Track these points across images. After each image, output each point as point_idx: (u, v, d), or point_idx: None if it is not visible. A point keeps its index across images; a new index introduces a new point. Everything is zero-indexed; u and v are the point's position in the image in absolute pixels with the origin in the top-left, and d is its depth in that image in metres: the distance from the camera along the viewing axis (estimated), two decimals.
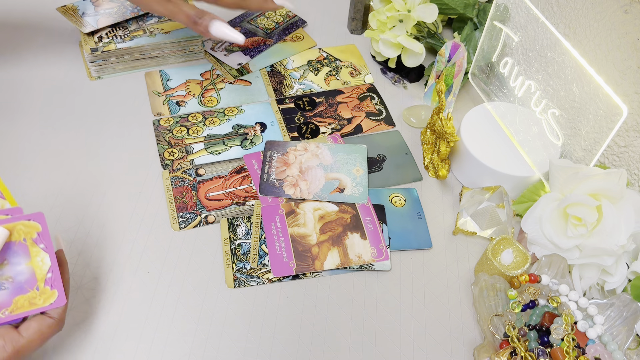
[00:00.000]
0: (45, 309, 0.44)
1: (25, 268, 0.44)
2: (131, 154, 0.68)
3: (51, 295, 0.44)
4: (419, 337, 0.55)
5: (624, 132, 0.62)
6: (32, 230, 0.44)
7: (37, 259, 0.44)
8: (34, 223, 0.44)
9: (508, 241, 0.57)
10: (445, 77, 0.71)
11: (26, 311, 0.43)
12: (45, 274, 0.44)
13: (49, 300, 0.44)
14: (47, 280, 0.44)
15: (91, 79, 0.77)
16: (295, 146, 0.69)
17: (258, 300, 0.56)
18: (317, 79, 0.80)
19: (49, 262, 0.44)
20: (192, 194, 0.64)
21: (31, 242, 0.44)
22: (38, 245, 0.44)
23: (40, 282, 0.44)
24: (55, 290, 0.44)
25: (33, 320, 0.44)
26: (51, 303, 0.44)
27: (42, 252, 0.44)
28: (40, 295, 0.44)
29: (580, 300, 0.52)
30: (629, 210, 0.54)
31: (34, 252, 0.44)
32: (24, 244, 0.44)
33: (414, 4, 0.74)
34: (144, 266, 0.57)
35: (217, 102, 0.75)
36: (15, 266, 0.43)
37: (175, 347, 0.52)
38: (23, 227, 0.44)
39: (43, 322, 0.44)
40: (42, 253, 0.44)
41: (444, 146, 0.64)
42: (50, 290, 0.44)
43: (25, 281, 0.43)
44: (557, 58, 0.59)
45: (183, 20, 0.64)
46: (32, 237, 0.44)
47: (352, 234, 0.61)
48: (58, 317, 0.45)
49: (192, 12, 0.63)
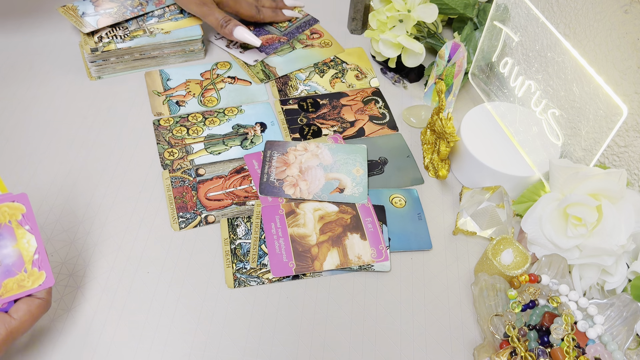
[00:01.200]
0: (36, 290, 0.44)
1: (12, 251, 0.44)
2: (131, 154, 0.68)
3: (39, 277, 0.44)
4: (419, 337, 0.55)
5: (624, 132, 0.62)
6: (16, 212, 0.44)
7: (23, 241, 0.44)
8: (18, 204, 0.44)
9: (508, 241, 0.57)
10: (445, 77, 0.71)
11: (16, 294, 0.43)
12: (32, 256, 0.44)
13: (38, 281, 0.44)
14: (35, 261, 0.44)
15: (91, 79, 0.77)
16: (295, 146, 0.69)
17: (258, 300, 0.56)
18: (323, 81, 0.80)
19: (35, 243, 0.44)
20: (192, 194, 0.64)
21: (16, 224, 0.44)
22: (23, 227, 0.44)
23: (28, 264, 0.44)
24: (43, 271, 0.44)
25: (21, 302, 0.44)
26: (40, 284, 0.44)
27: (28, 233, 0.44)
28: (28, 277, 0.44)
29: (580, 300, 0.52)
30: (629, 210, 0.54)
31: (19, 234, 0.44)
32: (9, 226, 0.43)
33: (414, 4, 0.74)
34: (144, 266, 0.57)
35: (217, 102, 0.75)
36: (2, 249, 0.43)
37: (175, 347, 0.52)
38: (7, 209, 0.43)
39: (32, 303, 0.45)
40: (27, 234, 0.44)
41: (444, 146, 0.64)
42: (38, 272, 0.44)
43: (13, 264, 0.43)
44: (557, 58, 0.59)
45: (213, 23, 0.77)
46: (16, 219, 0.44)
47: (352, 234, 0.61)
48: (46, 297, 0.46)
49: (221, 16, 0.77)
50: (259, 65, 0.81)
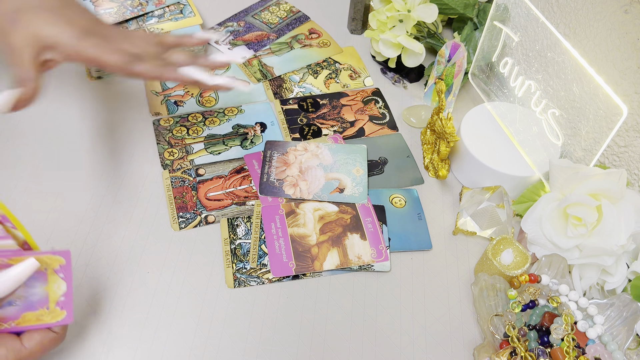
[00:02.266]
0: (52, 325, 0.44)
1: (40, 290, 0.44)
2: (131, 154, 0.68)
3: (60, 315, 0.44)
4: (419, 337, 0.55)
5: (624, 132, 0.62)
6: (55, 263, 0.44)
7: (53, 285, 0.44)
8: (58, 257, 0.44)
9: (508, 241, 0.57)
10: (445, 77, 0.71)
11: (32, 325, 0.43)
12: (59, 297, 0.44)
13: (57, 318, 0.44)
14: (59, 302, 0.44)
15: (91, 79, 0.77)
16: (295, 146, 0.69)
17: (258, 300, 0.56)
18: (317, 82, 0.80)
19: (65, 288, 0.44)
20: (192, 194, 0.64)
21: (51, 271, 0.44)
22: (58, 274, 0.44)
23: (52, 303, 0.44)
24: (65, 311, 0.44)
25: (36, 332, 0.44)
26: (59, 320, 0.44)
27: (60, 280, 0.44)
28: (49, 313, 0.44)
29: (580, 300, 0.52)
30: (629, 210, 0.54)
31: (52, 279, 0.44)
32: (43, 272, 0.44)
33: (414, 4, 0.74)
34: (144, 266, 0.57)
35: (216, 102, 0.75)
36: (30, 288, 0.44)
37: (175, 347, 0.52)
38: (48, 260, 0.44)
39: (46, 335, 0.44)
40: (59, 281, 0.44)
41: (444, 146, 0.64)
42: (60, 311, 0.44)
43: (37, 301, 0.44)
44: (557, 58, 0.59)
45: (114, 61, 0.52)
46: (53, 268, 0.44)
47: (352, 234, 0.61)
48: (60, 332, 0.45)
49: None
50: (257, 65, 0.81)
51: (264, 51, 0.83)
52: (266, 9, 0.90)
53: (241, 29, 0.86)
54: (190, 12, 0.81)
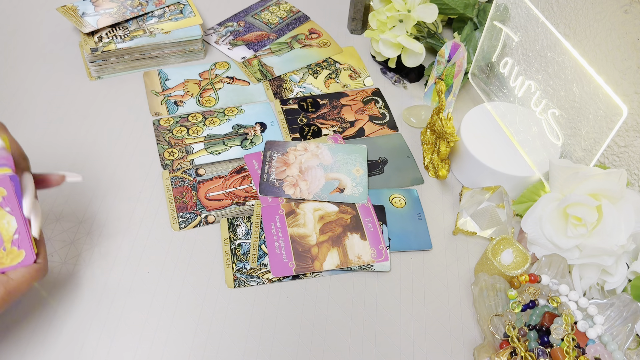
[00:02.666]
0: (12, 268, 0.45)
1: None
2: (131, 154, 0.68)
3: (18, 255, 0.45)
4: (419, 337, 0.55)
5: (624, 132, 0.62)
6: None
7: (3, 222, 0.44)
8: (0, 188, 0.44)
9: (508, 241, 0.57)
10: (445, 77, 0.71)
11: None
12: (12, 236, 0.45)
13: (17, 259, 0.45)
14: (14, 241, 0.45)
15: (91, 79, 0.77)
16: (295, 146, 0.69)
17: (258, 300, 0.56)
18: (317, 82, 0.80)
19: (15, 224, 0.45)
20: (192, 194, 0.64)
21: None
22: (4, 209, 0.44)
23: (7, 242, 0.44)
24: (23, 250, 0.45)
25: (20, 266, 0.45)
26: (19, 262, 0.45)
27: (8, 215, 0.44)
28: (7, 255, 0.44)
29: (580, 300, 0.52)
30: (629, 210, 0.54)
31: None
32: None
33: (414, 4, 0.74)
34: (144, 266, 0.57)
35: (216, 102, 0.75)
36: None
37: (175, 347, 0.52)
38: None
39: (30, 267, 0.46)
40: (8, 216, 0.44)
41: (444, 146, 0.64)
42: (18, 250, 0.45)
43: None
44: (557, 58, 0.59)
45: None
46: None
47: (352, 234, 0.61)
48: (42, 262, 0.47)
49: None
50: (257, 65, 0.81)
51: (264, 51, 0.83)
52: (266, 9, 0.90)
53: (241, 29, 0.86)
54: (190, 12, 0.81)
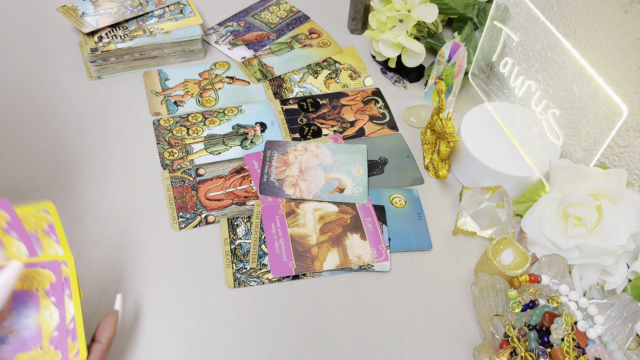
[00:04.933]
0: None
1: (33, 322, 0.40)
2: (131, 154, 0.68)
3: (54, 357, 0.40)
4: (419, 337, 0.55)
5: (624, 132, 0.62)
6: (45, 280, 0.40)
7: (45, 313, 0.40)
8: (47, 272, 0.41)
9: (508, 241, 0.57)
10: (445, 77, 0.71)
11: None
12: (52, 332, 0.40)
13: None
14: (52, 339, 0.40)
15: (91, 79, 0.77)
16: (295, 146, 0.69)
17: (258, 300, 0.56)
18: (317, 82, 0.80)
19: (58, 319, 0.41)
20: (192, 194, 0.64)
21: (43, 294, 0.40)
22: (49, 298, 0.40)
23: (45, 340, 0.40)
24: (59, 352, 0.41)
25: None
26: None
27: (52, 306, 0.41)
28: (43, 355, 0.40)
29: (580, 300, 0.52)
30: (629, 210, 0.54)
31: (43, 305, 0.40)
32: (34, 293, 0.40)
33: (414, 4, 0.74)
34: (144, 266, 0.57)
35: (216, 102, 0.75)
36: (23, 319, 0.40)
37: (175, 347, 0.52)
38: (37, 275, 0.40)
39: None
40: (52, 307, 0.41)
41: (444, 146, 0.64)
42: (54, 352, 0.40)
43: (30, 337, 0.40)
44: (557, 58, 0.59)
45: None
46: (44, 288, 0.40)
47: (352, 234, 0.61)
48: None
49: None
50: (257, 65, 0.81)
51: (264, 51, 0.83)
52: (266, 9, 0.90)
53: (241, 29, 0.86)
54: (190, 12, 0.81)
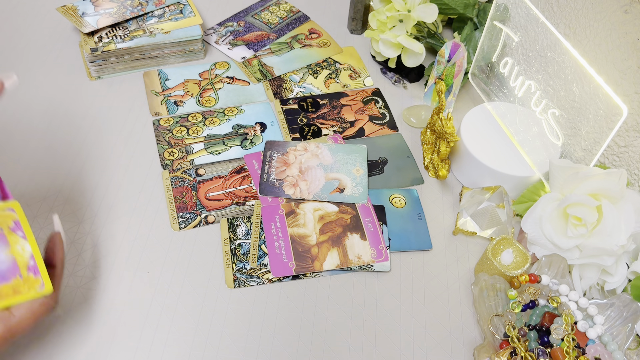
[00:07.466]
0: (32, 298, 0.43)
1: (5, 256, 0.43)
2: (131, 154, 0.68)
3: (35, 282, 0.43)
4: (419, 337, 0.55)
5: (624, 132, 0.62)
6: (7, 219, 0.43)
7: (17, 247, 0.43)
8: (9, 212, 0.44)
9: (508, 241, 0.57)
10: (445, 77, 0.71)
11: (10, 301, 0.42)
12: (27, 261, 0.43)
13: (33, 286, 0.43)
14: (30, 267, 0.43)
15: (91, 79, 0.77)
16: (295, 146, 0.69)
17: (258, 300, 0.56)
18: (317, 82, 0.79)
19: (29, 249, 0.44)
20: (192, 194, 0.64)
21: (8, 231, 0.43)
22: (16, 233, 0.43)
23: (23, 269, 0.43)
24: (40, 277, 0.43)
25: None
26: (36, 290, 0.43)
27: (21, 239, 0.44)
28: (24, 283, 0.43)
29: (580, 300, 0.52)
30: (629, 210, 0.54)
31: (12, 240, 0.43)
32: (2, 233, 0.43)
33: (414, 4, 0.74)
34: (144, 266, 0.57)
35: (216, 102, 0.75)
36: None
37: (175, 347, 0.52)
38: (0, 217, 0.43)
39: (34, 301, 0.43)
40: (21, 240, 0.43)
41: (444, 146, 0.64)
42: (35, 277, 0.43)
43: (7, 269, 0.43)
44: (557, 58, 0.59)
45: None
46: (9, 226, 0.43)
47: (352, 234, 0.61)
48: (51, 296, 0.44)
49: None
50: (257, 65, 0.81)
51: (264, 51, 0.83)
52: (266, 9, 0.90)
53: (241, 29, 0.86)
54: (190, 12, 0.81)
